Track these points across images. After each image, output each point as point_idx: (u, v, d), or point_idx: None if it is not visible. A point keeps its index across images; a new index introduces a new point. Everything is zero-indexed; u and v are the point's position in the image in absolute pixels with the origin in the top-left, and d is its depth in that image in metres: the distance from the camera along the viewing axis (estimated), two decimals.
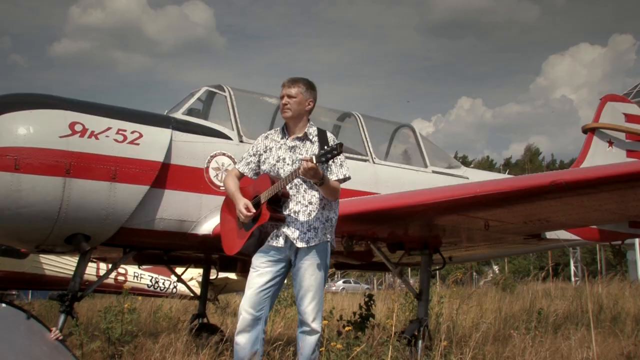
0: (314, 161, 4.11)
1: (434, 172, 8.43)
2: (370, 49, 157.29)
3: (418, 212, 5.63)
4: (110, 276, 8.70)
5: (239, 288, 15.44)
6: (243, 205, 4.47)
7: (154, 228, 6.14)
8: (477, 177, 8.77)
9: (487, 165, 68.03)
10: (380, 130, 8.80)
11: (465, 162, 65.42)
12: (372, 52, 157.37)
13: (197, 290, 8.77)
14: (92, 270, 12.66)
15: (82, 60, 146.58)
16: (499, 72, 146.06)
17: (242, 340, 4.37)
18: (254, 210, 4.44)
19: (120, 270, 14.77)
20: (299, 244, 4.43)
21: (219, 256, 7.52)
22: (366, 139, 7.92)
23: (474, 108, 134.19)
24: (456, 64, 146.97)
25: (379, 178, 7.69)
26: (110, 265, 7.30)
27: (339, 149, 4.14)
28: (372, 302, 7.64)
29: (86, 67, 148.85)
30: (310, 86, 4.70)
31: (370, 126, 8.15)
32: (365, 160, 7.76)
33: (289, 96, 4.62)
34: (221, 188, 6.27)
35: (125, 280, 14.96)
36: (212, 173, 6.46)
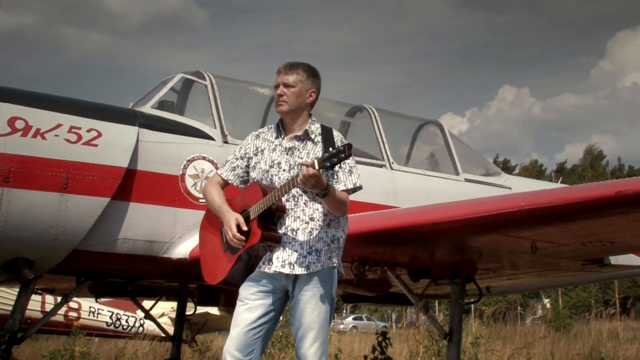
0: (317, 166, 4.13)
1: (467, 180, 8.47)
2: (388, 26, 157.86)
3: (447, 231, 5.64)
4: (59, 312, 8.73)
5: (222, 326, 15.46)
6: (234, 220, 4.48)
7: (115, 251, 6.17)
8: (521, 186, 8.79)
9: (535, 171, 68.09)
10: (400, 128, 8.84)
11: (507, 168, 65.48)
12: (391, 30, 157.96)
13: (170, 330, 8.78)
14: (37, 304, 12.66)
15: (23, 38, 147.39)
16: (552, 54, 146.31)
17: None
18: (245, 228, 4.46)
19: (72, 304, 14.80)
20: (298, 270, 4.45)
21: (198, 286, 7.54)
22: (382, 139, 7.95)
23: (519, 100, 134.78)
24: (497, 44, 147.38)
25: (397, 188, 7.72)
26: (59, 298, 7.32)
27: (347, 152, 4.16)
28: (386, 342, 7.65)
29: (29, 47, 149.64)
30: (312, 73, 4.73)
31: (388, 123, 8.20)
32: (380, 166, 7.80)
33: (286, 85, 4.65)
34: (201, 200, 6.31)
35: (79, 317, 14.98)
36: (189, 182, 6.50)
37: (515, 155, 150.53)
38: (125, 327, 16.01)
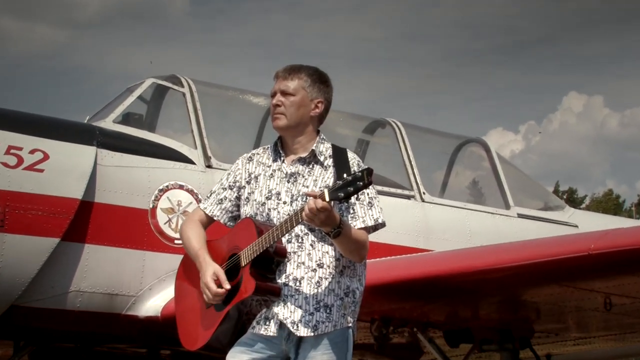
0: (327, 198, 4.15)
1: (520, 216, 8.48)
2: (417, 17, 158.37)
3: (495, 282, 5.66)
4: None
5: None
6: (211, 275, 4.49)
7: (65, 307, 6.18)
8: (591, 224, 8.80)
9: (610, 205, 67.91)
10: (434, 149, 8.88)
11: (572, 200, 65.37)
12: (421, 22, 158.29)
13: None
14: None
15: None
16: (632, 52, 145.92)
17: None
18: (227, 286, 4.46)
19: None
20: (303, 331, 4.45)
21: (172, 352, 7.55)
22: (410, 162, 7.98)
23: (590, 111, 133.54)
24: (560, 39, 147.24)
25: (430, 225, 7.74)
26: None
27: (367, 179, 4.17)
28: None
29: None
30: (319, 78, 4.75)
31: (418, 142, 8.23)
32: (408, 197, 7.82)
33: (284, 93, 4.66)
34: (177, 241, 6.33)
35: None
36: (161, 217, 6.52)
37: (584, 184, 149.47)
38: None
